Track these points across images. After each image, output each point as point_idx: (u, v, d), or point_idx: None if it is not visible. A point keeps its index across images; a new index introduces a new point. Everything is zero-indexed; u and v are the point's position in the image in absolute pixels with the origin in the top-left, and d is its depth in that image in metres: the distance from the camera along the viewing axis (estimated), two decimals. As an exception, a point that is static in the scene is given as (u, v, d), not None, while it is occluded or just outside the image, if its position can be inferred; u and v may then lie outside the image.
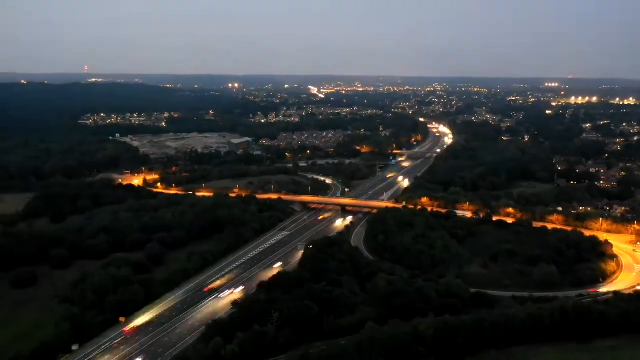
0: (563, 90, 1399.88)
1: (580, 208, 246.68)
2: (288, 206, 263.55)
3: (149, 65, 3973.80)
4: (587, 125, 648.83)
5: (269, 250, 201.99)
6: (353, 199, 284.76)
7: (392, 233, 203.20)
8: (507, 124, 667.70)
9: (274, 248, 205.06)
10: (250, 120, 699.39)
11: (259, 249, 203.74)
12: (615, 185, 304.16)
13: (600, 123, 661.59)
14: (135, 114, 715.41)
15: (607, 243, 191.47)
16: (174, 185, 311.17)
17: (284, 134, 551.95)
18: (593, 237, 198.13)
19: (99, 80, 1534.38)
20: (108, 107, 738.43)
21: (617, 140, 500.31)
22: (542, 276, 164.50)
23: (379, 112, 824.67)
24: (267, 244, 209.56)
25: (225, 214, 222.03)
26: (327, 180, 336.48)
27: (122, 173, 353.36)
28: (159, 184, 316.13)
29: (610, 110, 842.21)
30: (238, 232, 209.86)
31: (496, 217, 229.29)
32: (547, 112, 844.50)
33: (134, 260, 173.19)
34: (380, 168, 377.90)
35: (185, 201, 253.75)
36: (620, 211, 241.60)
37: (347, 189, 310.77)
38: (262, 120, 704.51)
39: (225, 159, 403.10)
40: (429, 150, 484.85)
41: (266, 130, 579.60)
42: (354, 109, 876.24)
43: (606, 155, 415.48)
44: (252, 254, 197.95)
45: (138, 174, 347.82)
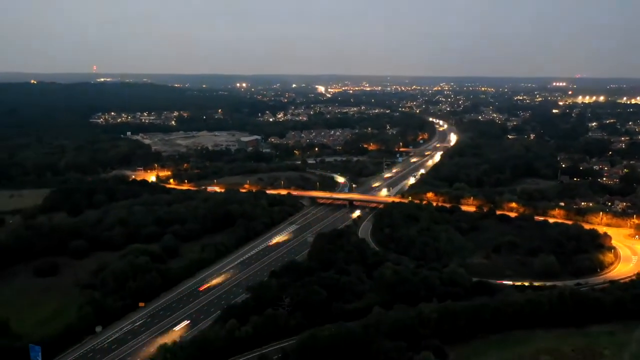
0: (571, 90, 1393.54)
1: (582, 203, 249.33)
2: (297, 201, 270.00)
3: (157, 65, 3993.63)
4: (593, 124, 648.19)
5: (281, 243, 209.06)
6: (360, 194, 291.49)
7: (398, 226, 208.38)
8: (513, 123, 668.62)
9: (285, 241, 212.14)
10: (259, 119, 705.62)
11: (270, 241, 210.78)
12: (618, 182, 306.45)
13: (606, 122, 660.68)
14: (145, 113, 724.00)
15: (606, 235, 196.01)
16: (185, 181, 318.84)
17: (292, 133, 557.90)
18: (592, 230, 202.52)
19: (107, 79, 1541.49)
20: (118, 106, 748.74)
21: (622, 138, 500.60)
22: (542, 266, 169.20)
23: (386, 111, 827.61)
24: (277, 237, 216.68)
25: (236, 208, 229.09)
26: (335, 176, 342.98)
27: (134, 170, 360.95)
28: (171, 180, 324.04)
29: (617, 110, 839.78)
30: (249, 225, 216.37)
31: (499, 212, 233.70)
32: (553, 111, 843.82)
33: (151, 251, 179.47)
34: (387, 165, 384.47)
35: (197, 196, 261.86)
36: (621, 206, 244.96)
37: (354, 185, 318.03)
38: (271, 119, 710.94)
39: (235, 156, 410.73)
40: (434, 148, 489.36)
41: (274, 128, 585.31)
42: (362, 108, 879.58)
43: (610, 153, 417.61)
44: (262, 246, 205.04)
45: (150, 171, 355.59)
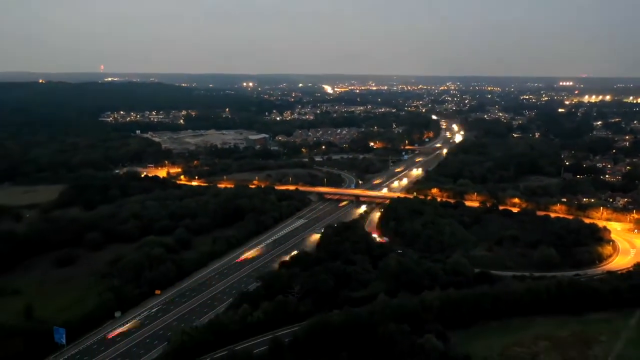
0: (577, 89, 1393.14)
1: (584, 199, 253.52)
2: (305, 196, 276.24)
3: (164, 64, 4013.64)
4: (599, 122, 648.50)
5: (289, 234, 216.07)
6: (366, 190, 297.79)
7: (403, 220, 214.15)
8: (519, 122, 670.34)
9: (293, 232, 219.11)
10: (266, 118, 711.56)
11: (279, 234, 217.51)
12: (620, 179, 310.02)
13: (612, 121, 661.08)
14: (153, 112, 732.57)
15: (606, 229, 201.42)
16: (196, 178, 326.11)
17: (299, 131, 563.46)
18: (592, 224, 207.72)
19: (115, 79, 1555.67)
20: (126, 105, 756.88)
21: (627, 137, 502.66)
22: (542, 257, 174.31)
23: (392, 110, 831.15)
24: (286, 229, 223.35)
25: (246, 203, 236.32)
26: (342, 173, 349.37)
27: (145, 166, 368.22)
28: (181, 177, 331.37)
29: (623, 109, 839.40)
30: (258, 219, 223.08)
31: (502, 207, 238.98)
32: (559, 110, 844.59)
33: (165, 243, 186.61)
34: (392, 162, 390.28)
35: (207, 191, 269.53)
36: (622, 202, 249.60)
37: (360, 181, 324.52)
38: (278, 118, 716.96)
39: (244, 154, 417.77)
40: (440, 147, 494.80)
41: (282, 127, 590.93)
42: (368, 107, 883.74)
43: (614, 151, 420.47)
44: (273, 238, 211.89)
45: (161, 167, 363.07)
